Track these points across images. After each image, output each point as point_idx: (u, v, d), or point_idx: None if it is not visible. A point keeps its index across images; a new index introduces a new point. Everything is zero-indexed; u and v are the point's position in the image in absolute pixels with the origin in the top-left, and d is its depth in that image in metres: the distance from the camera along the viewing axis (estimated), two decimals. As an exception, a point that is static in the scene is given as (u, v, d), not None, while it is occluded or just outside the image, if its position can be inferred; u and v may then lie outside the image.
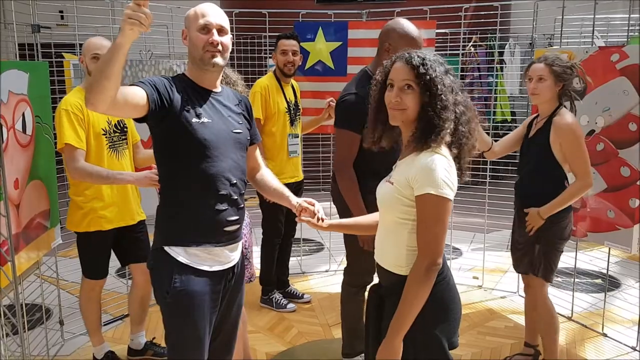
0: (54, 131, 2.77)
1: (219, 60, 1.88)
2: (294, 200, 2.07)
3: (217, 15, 1.89)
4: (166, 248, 1.89)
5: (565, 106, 2.74)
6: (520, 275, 3.05)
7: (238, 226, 1.98)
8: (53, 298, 3.35)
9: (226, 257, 1.96)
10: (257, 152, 2.18)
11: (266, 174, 2.20)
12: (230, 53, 1.96)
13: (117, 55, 1.56)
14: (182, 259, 1.88)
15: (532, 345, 3.07)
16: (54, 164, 3.01)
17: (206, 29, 1.86)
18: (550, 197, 2.67)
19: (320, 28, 4.14)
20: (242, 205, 2.01)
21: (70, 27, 3.57)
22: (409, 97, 1.66)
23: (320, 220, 1.98)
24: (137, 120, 1.80)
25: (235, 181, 1.94)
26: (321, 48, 4.15)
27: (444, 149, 1.67)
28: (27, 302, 2.94)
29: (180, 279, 1.86)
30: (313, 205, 2.01)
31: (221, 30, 1.89)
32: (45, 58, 3.26)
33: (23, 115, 2.69)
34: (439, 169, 1.60)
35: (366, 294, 1.97)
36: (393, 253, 1.74)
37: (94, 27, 4.11)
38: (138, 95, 1.72)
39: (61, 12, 4.20)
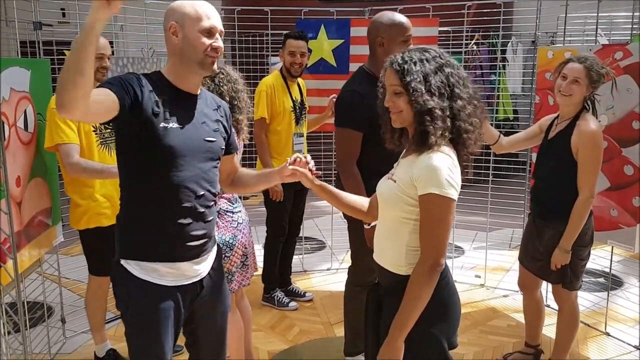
0: None
1: (215, 66, 1.80)
2: (282, 166, 1.92)
3: (219, 19, 1.81)
4: (123, 262, 1.77)
5: (587, 107, 2.65)
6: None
7: (205, 240, 1.84)
8: (55, 296, 3.35)
9: (193, 271, 1.83)
10: (236, 159, 2.06)
11: (244, 170, 2.07)
12: (232, 51, 1.93)
13: (89, 40, 1.36)
14: (139, 274, 1.75)
15: (533, 345, 3.06)
16: (56, 162, 2.99)
17: (211, 32, 1.76)
18: (568, 204, 2.58)
19: (322, 26, 4.13)
20: (211, 219, 1.87)
21: (72, 24, 3.57)
22: (400, 100, 1.68)
23: (313, 174, 1.89)
24: (104, 123, 1.66)
25: (202, 193, 1.79)
26: (323, 46, 4.14)
27: (448, 148, 1.66)
28: (28, 300, 2.93)
29: (138, 294, 1.75)
30: (305, 158, 1.90)
31: (221, 34, 1.81)
32: (46, 55, 3.26)
33: (25, 112, 2.68)
34: (444, 168, 1.59)
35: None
36: (393, 252, 1.73)
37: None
38: (110, 97, 1.58)
39: (63, 9, 4.18)
